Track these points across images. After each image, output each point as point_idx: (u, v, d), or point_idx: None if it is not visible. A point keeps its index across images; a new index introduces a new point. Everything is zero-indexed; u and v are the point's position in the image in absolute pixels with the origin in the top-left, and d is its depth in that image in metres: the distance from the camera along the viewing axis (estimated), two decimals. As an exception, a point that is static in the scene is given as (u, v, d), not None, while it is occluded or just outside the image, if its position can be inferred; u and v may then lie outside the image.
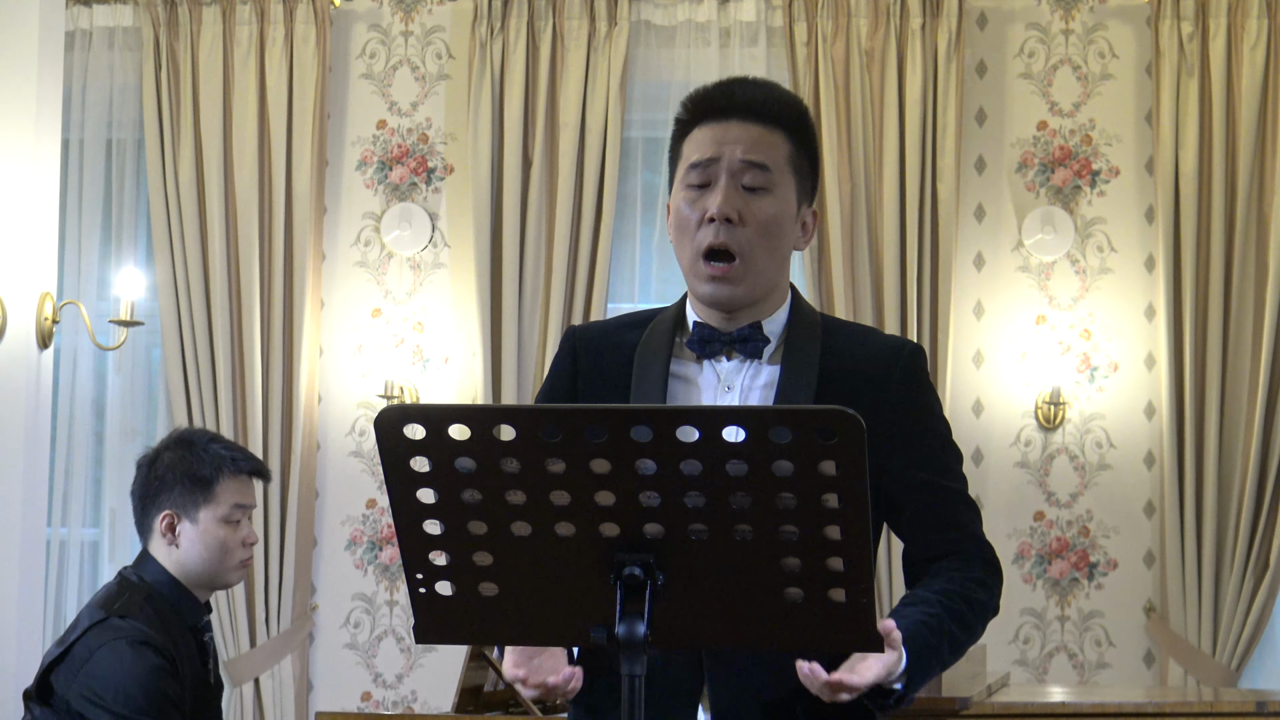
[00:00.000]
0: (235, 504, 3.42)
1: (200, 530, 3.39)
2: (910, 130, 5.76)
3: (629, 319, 2.41)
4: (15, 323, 4.64)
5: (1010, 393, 5.84)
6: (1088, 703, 4.05)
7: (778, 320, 2.32)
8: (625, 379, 2.30)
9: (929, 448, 2.30)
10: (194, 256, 5.95)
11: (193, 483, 3.39)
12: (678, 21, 5.96)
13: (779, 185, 2.27)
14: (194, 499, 3.39)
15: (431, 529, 1.75)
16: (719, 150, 2.26)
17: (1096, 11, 5.94)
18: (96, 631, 3.27)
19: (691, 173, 2.28)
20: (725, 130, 2.27)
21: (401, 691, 5.98)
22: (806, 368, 2.27)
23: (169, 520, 3.39)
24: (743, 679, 2.21)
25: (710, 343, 2.29)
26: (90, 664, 3.24)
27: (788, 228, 2.29)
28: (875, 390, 2.26)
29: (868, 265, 5.76)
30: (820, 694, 2.02)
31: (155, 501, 3.41)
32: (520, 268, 5.86)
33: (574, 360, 2.36)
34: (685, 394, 2.29)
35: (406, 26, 6.14)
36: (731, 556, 1.74)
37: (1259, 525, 5.59)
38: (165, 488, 3.40)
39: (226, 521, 3.41)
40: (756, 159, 2.26)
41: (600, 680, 2.23)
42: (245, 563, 3.46)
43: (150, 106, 6.01)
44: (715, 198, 2.24)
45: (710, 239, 2.24)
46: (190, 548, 3.39)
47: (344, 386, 6.04)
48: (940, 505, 2.30)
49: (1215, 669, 5.56)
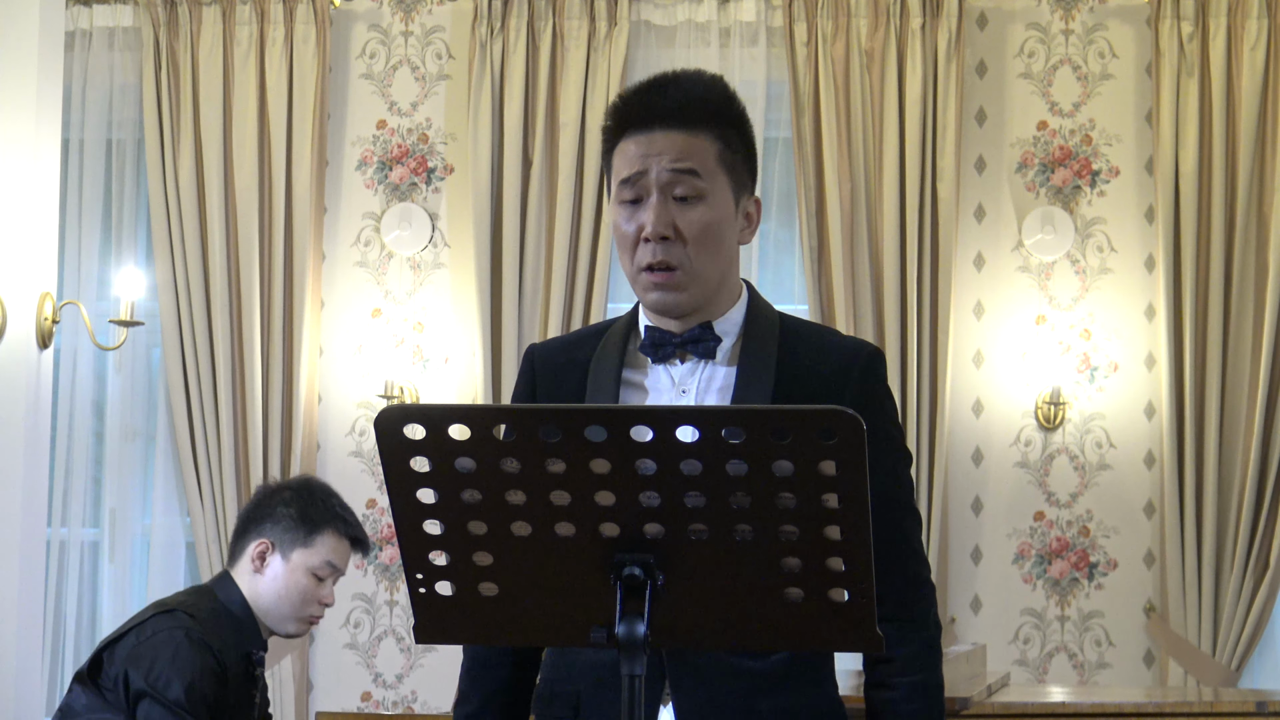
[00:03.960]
0: (329, 560, 3.48)
1: (289, 569, 3.45)
2: (910, 130, 5.76)
3: (586, 331, 2.41)
4: (15, 323, 4.64)
5: (1010, 393, 5.84)
6: (1088, 703, 4.05)
7: (730, 320, 2.30)
8: (581, 393, 2.30)
9: (882, 451, 2.27)
10: (194, 256, 5.95)
11: (300, 522, 3.46)
12: (678, 21, 5.96)
13: (711, 189, 2.24)
14: (294, 538, 3.45)
15: (431, 529, 1.75)
16: (645, 164, 2.23)
17: (1096, 11, 5.94)
18: (162, 618, 3.32)
19: (623, 189, 2.25)
20: (650, 142, 2.23)
21: (401, 691, 5.98)
22: (763, 369, 2.26)
23: (263, 549, 3.45)
24: (707, 682, 2.21)
25: (662, 346, 2.29)
26: (148, 643, 3.28)
27: (727, 229, 2.26)
28: (833, 393, 2.24)
29: (868, 265, 5.76)
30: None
31: (258, 528, 3.48)
32: (520, 268, 5.86)
33: (532, 380, 2.37)
34: (638, 400, 2.29)
35: (406, 26, 6.14)
36: (731, 556, 1.74)
37: (1259, 525, 5.59)
38: (273, 519, 3.47)
39: (314, 573, 3.46)
40: (684, 166, 2.22)
41: (562, 690, 2.25)
42: (312, 620, 3.51)
43: (150, 106, 6.01)
44: (648, 215, 2.22)
45: (648, 258, 2.23)
46: (272, 582, 3.45)
47: (344, 386, 6.04)
48: (889, 528, 2.24)
49: (1215, 669, 5.56)
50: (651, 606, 1.73)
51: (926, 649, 2.29)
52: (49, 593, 5.81)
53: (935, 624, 2.32)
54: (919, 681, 2.27)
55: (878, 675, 2.28)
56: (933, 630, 2.31)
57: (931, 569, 2.39)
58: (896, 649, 2.26)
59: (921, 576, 2.32)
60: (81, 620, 6.01)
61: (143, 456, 6.11)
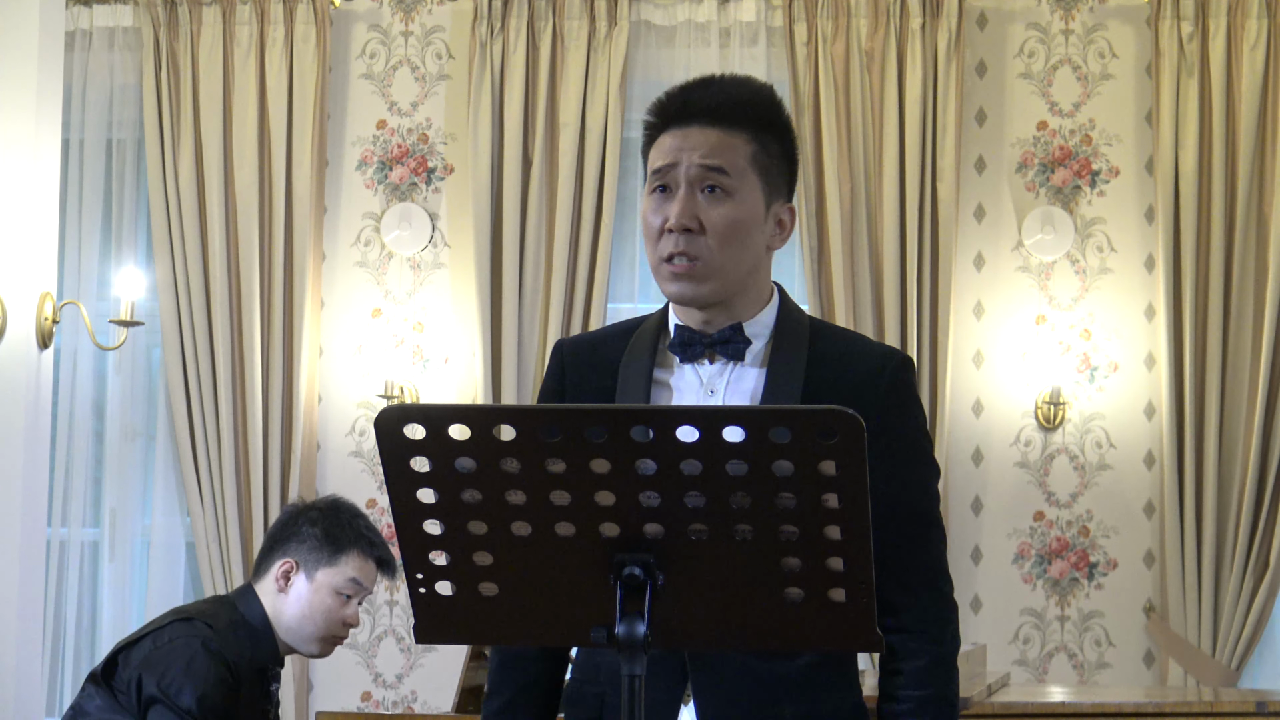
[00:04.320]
0: (353, 579, 3.48)
1: (313, 588, 3.46)
2: (910, 130, 5.76)
3: (615, 328, 2.41)
4: (15, 323, 4.64)
5: (1010, 393, 5.84)
6: (1088, 703, 4.05)
7: (761, 322, 2.31)
8: (610, 391, 2.30)
9: (910, 461, 2.28)
10: (194, 256, 5.95)
11: (325, 541, 3.47)
12: (678, 21, 5.96)
13: (740, 188, 2.25)
14: (319, 557, 3.46)
15: (431, 529, 1.75)
16: (677, 156, 2.26)
17: (1096, 11, 5.94)
18: (180, 625, 3.33)
19: (654, 179, 2.28)
20: (685, 136, 2.26)
21: (401, 691, 5.98)
22: (792, 374, 2.26)
23: (287, 568, 3.46)
24: (728, 686, 2.21)
25: (691, 345, 2.29)
26: (164, 649, 3.29)
27: (753, 229, 2.27)
28: (861, 399, 2.22)
29: (868, 265, 5.76)
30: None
31: (284, 546, 3.49)
32: (520, 268, 5.86)
33: (561, 376, 2.37)
34: (667, 399, 2.29)
35: (406, 26, 6.14)
36: (731, 556, 1.74)
37: (1259, 525, 5.59)
38: (299, 538, 3.48)
39: (339, 592, 3.47)
40: (714, 163, 2.24)
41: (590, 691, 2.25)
42: (335, 641, 3.52)
43: (150, 106, 6.01)
44: (674, 207, 2.24)
45: (670, 248, 2.24)
46: (296, 601, 3.45)
47: (344, 386, 6.04)
48: (914, 541, 2.26)
49: (1215, 669, 5.56)
50: (651, 606, 1.73)
51: (940, 664, 2.27)
52: (49, 593, 5.81)
53: (953, 640, 2.29)
54: (929, 696, 2.25)
55: (889, 687, 2.27)
56: (949, 646, 2.28)
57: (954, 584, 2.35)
58: (909, 662, 2.24)
59: (943, 592, 2.30)
60: (81, 620, 6.01)
61: (143, 456, 6.11)
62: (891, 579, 2.22)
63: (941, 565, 2.30)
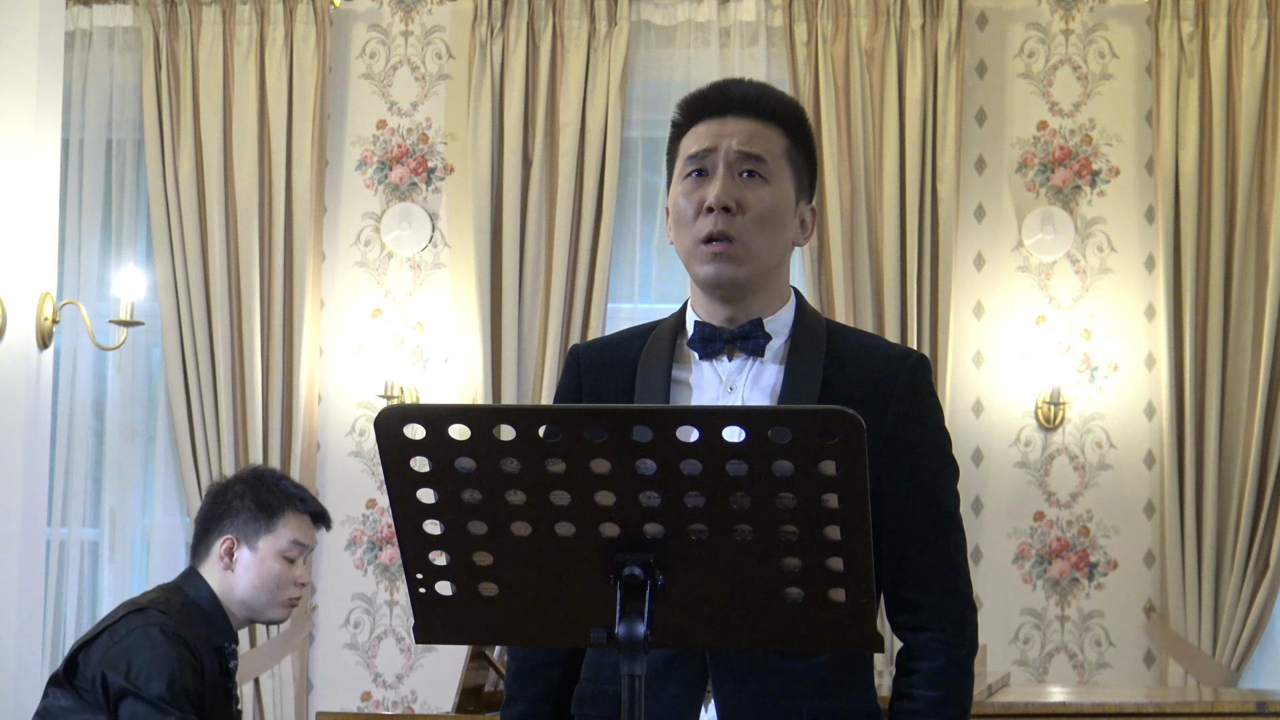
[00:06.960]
0: (295, 540, 3.50)
1: (258, 559, 3.47)
2: (910, 130, 5.76)
3: (631, 332, 2.41)
4: (15, 323, 4.65)
5: (1010, 393, 5.84)
6: (1088, 703, 4.06)
7: (780, 320, 2.31)
8: (629, 394, 2.30)
9: (928, 459, 2.28)
10: (194, 256, 5.95)
11: (258, 511, 3.48)
12: (678, 21, 5.96)
13: (776, 176, 2.28)
14: (256, 527, 3.48)
15: (431, 529, 1.75)
16: (716, 141, 2.28)
17: (1096, 11, 5.94)
18: (134, 617, 3.34)
19: (689, 163, 2.29)
20: (722, 125, 2.29)
21: (401, 691, 5.98)
22: (810, 373, 2.26)
23: (229, 545, 3.47)
24: (748, 683, 2.21)
25: (711, 341, 2.29)
26: (122, 643, 3.30)
27: (786, 219, 2.29)
28: (878, 399, 2.24)
29: (868, 265, 5.76)
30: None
31: (219, 526, 3.50)
32: (520, 268, 5.86)
33: (578, 380, 2.37)
34: (687, 397, 2.29)
35: (406, 26, 6.14)
36: (731, 556, 1.74)
37: (1259, 525, 5.59)
38: (231, 514, 3.49)
39: (284, 556, 3.49)
40: (753, 150, 2.27)
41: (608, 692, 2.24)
42: (293, 601, 3.54)
43: (150, 106, 6.01)
44: (713, 187, 2.25)
45: (709, 228, 2.25)
46: (244, 575, 3.47)
47: (344, 386, 6.04)
48: (934, 540, 2.26)
49: (1215, 669, 5.56)
50: (651, 606, 1.73)
51: (955, 666, 2.26)
52: (49, 593, 5.81)
53: (971, 642, 2.28)
54: (941, 697, 2.24)
55: (903, 685, 2.27)
56: (967, 649, 2.27)
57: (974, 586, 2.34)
58: (926, 661, 2.24)
59: (962, 593, 2.29)
60: (81, 620, 6.01)
61: (143, 456, 6.11)
62: (910, 578, 2.24)
63: (961, 565, 2.30)
